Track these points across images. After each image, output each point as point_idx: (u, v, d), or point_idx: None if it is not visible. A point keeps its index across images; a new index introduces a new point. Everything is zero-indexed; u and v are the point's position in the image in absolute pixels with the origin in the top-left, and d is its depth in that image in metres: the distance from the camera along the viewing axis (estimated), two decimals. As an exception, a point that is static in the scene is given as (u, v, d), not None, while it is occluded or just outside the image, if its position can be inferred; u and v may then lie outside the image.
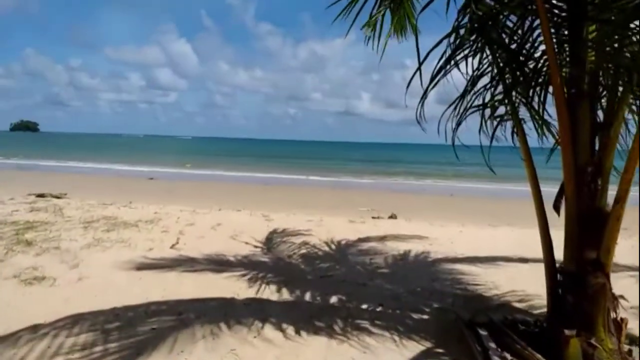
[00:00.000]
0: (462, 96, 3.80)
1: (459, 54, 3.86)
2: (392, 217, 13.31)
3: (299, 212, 13.15)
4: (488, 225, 9.42)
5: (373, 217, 12.97)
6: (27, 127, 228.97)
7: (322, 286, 4.91)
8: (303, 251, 6.32)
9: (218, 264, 5.64)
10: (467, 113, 3.67)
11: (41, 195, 13.17)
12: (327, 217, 9.78)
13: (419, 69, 3.74)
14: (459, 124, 3.70)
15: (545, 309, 3.62)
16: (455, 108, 3.80)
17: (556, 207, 3.54)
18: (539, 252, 3.62)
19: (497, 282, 5.18)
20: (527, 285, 4.91)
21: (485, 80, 3.95)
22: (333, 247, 6.63)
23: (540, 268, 3.57)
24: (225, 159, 48.26)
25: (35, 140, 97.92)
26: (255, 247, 6.56)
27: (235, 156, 56.40)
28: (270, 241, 6.87)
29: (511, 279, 5.31)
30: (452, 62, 3.83)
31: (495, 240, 7.36)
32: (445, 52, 3.85)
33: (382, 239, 7.21)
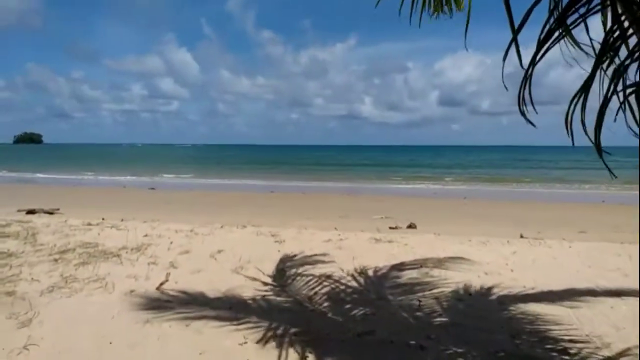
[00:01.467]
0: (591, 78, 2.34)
1: (573, 13, 2.41)
2: (412, 226, 11.99)
3: (310, 224, 11.70)
4: (535, 239, 7.98)
5: (391, 228, 11.65)
6: (30, 139, 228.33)
7: (360, 351, 3.46)
8: (326, 288, 4.84)
9: (218, 313, 4.19)
10: (627, 94, 2.19)
11: (32, 212, 11.91)
12: (345, 233, 8.33)
13: (514, 39, 2.30)
14: (601, 114, 2.21)
15: None
16: (579, 97, 2.35)
17: None
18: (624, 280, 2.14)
19: (600, 332, 3.72)
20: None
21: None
22: (362, 280, 5.15)
23: None
24: (229, 166, 46.92)
25: (37, 152, 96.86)
26: (266, 283, 5.08)
27: (238, 163, 55.03)
28: (283, 274, 5.39)
29: (615, 327, 3.85)
30: (560, 30, 2.38)
31: (560, 263, 5.87)
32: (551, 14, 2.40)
33: (421, 265, 5.74)
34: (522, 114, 2.45)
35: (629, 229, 11.66)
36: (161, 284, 5.06)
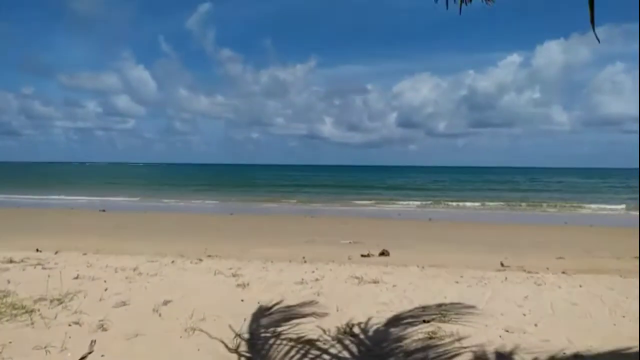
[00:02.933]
0: None
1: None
2: (384, 253, 11.02)
3: (274, 254, 10.36)
4: (523, 270, 7.05)
5: (363, 255, 10.64)
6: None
7: None
8: (311, 362, 3.56)
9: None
10: None
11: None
12: (319, 269, 7.08)
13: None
14: None
15: None
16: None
17: None
18: None
19: None
20: None
21: None
22: (355, 348, 3.88)
23: None
24: (186, 186, 44.63)
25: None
26: (228, 351, 3.72)
27: (196, 183, 52.65)
28: (252, 339, 4.03)
29: None
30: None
31: (584, 311, 4.76)
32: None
33: (424, 319, 4.54)
34: None
35: (603, 253, 11.12)
36: (81, 359, 3.60)
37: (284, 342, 3.81)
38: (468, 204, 28.22)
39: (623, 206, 26.56)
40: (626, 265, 9.42)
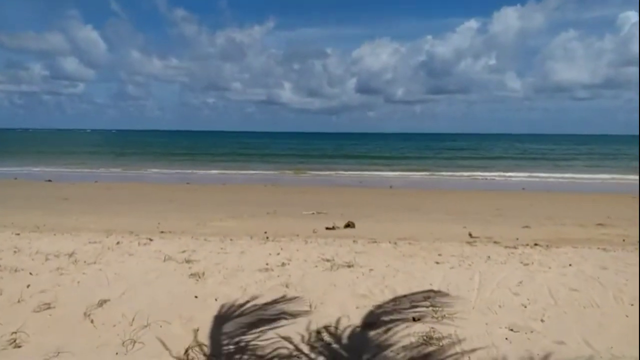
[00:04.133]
0: None
1: None
2: (350, 225, 10.48)
3: (234, 228, 9.50)
4: (491, 241, 6.55)
5: (327, 228, 10.05)
6: None
7: None
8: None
9: None
10: None
11: None
12: (285, 249, 6.28)
13: None
14: None
15: None
16: None
17: None
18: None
19: None
20: None
21: None
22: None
23: None
24: (139, 154, 42.29)
25: None
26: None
27: (150, 151, 50.11)
28: (210, 355, 3.20)
29: None
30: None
31: (588, 299, 4.17)
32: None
33: (416, 319, 3.82)
34: None
35: (565, 220, 11.00)
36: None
37: (256, 352, 3.00)
38: (426, 172, 28.11)
39: (575, 172, 27.29)
40: (592, 233, 9.26)
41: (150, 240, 7.11)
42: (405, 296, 4.19)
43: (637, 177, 22.04)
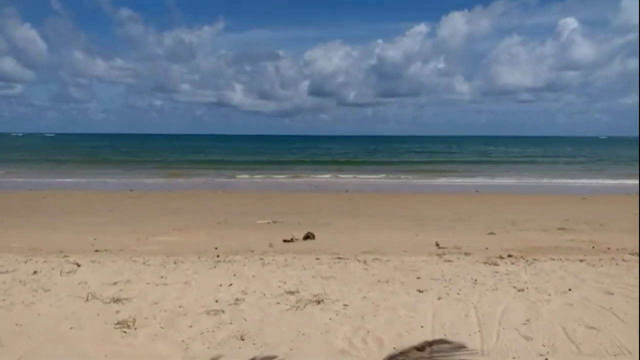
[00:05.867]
0: None
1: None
2: (309, 236, 9.55)
3: (179, 243, 8.30)
4: (494, 264, 5.79)
5: (285, 241, 9.07)
6: None
7: None
8: None
9: None
10: None
11: None
12: (241, 278, 5.19)
13: None
14: None
15: None
16: None
17: None
18: None
19: None
20: None
21: None
22: None
23: None
24: (81, 159, 39.15)
25: None
26: None
27: (92, 155, 46.73)
28: None
29: None
30: None
31: (609, 340, 3.50)
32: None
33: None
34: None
35: (527, 225, 10.65)
36: None
37: None
38: (380, 174, 27.68)
39: (525, 175, 27.75)
40: (558, 240, 8.85)
41: (78, 265, 5.82)
42: (398, 356, 3.23)
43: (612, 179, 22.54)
